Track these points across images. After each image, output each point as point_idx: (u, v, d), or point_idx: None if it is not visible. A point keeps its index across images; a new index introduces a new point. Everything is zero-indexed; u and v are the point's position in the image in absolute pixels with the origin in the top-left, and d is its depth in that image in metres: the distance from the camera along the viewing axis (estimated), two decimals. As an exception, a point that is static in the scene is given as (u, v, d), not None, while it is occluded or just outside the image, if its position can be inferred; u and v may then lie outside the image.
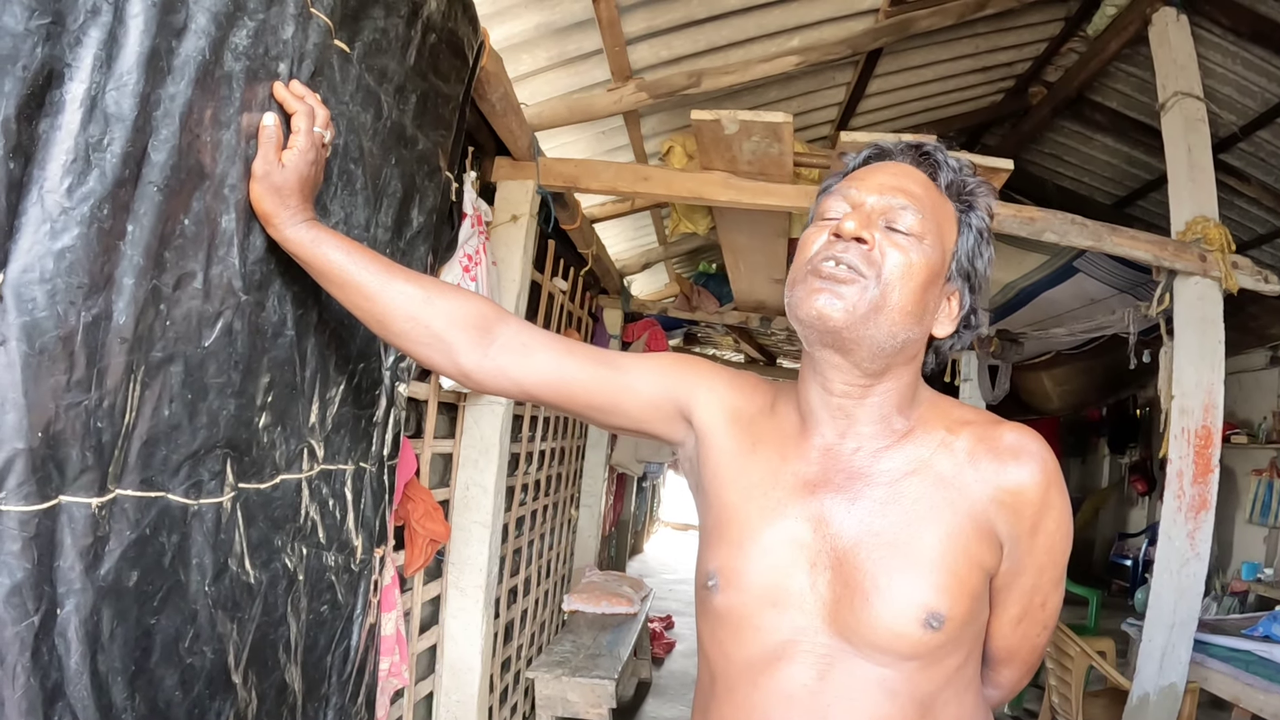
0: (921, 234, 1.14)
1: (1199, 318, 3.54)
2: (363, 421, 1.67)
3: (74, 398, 0.92)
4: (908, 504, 1.14)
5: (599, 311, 5.90)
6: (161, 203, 1.01)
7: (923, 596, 1.09)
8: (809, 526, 1.16)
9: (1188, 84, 3.95)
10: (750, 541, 1.17)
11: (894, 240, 1.13)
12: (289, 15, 1.24)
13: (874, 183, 1.18)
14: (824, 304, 1.10)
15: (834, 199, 1.20)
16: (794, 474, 1.20)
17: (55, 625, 0.92)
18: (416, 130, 1.76)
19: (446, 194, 2.01)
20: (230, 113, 1.13)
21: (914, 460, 1.18)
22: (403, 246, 1.76)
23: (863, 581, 1.11)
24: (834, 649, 1.11)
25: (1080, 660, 4.03)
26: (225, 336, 1.17)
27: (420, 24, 1.71)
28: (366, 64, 1.50)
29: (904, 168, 1.21)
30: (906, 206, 1.14)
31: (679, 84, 3.53)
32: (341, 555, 1.59)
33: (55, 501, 0.91)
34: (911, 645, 1.09)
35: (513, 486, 4.02)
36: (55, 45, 0.87)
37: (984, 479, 1.15)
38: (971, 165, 1.26)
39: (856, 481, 1.17)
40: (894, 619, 1.09)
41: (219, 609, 1.19)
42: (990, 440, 1.18)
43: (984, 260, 1.23)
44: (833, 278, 1.11)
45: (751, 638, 1.15)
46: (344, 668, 1.63)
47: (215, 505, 1.18)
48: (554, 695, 4.09)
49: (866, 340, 1.12)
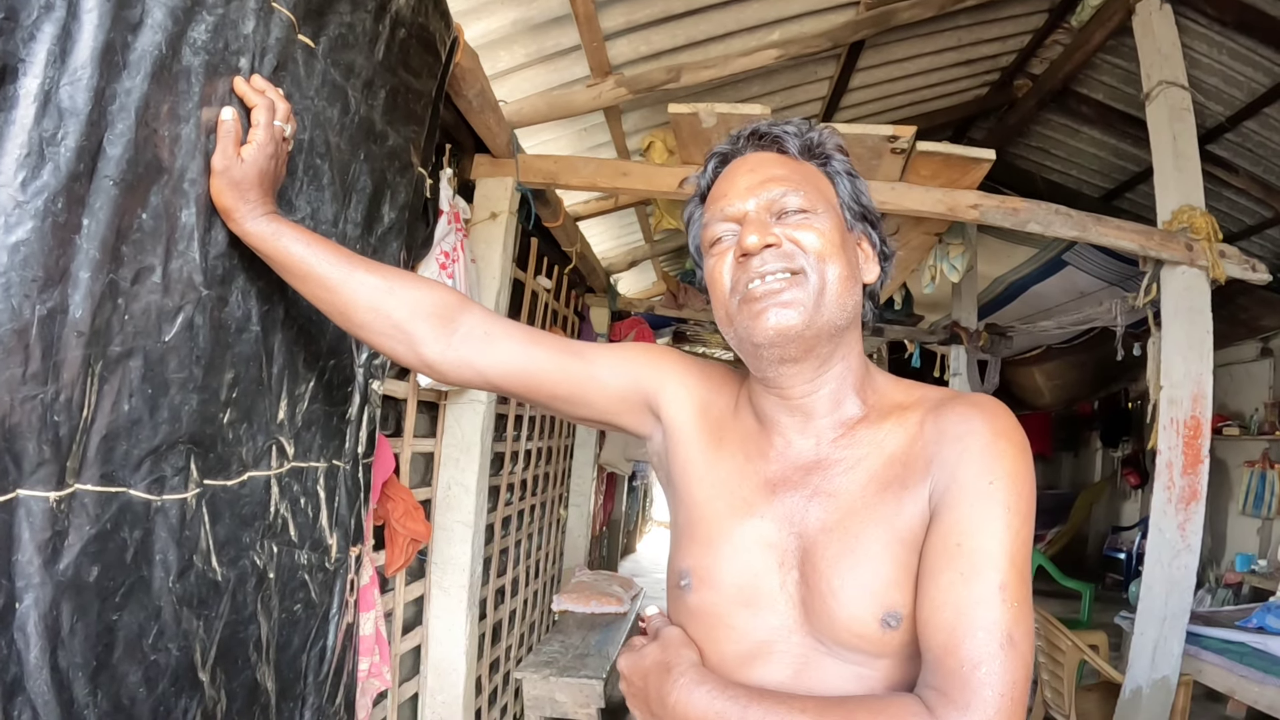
0: (812, 206, 1.13)
1: (1187, 307, 3.55)
2: (335, 419, 1.66)
3: (29, 391, 0.92)
4: (856, 493, 1.11)
5: (585, 310, 5.89)
6: (118, 197, 1.01)
7: (879, 594, 1.05)
8: (775, 526, 1.13)
9: (1172, 73, 3.95)
10: (723, 540, 1.16)
11: (795, 225, 1.12)
12: (249, 10, 1.24)
13: (741, 188, 1.16)
14: (777, 319, 1.08)
15: (714, 226, 1.17)
16: (757, 473, 1.18)
17: (14, 620, 0.92)
18: (386, 126, 1.75)
19: (420, 190, 2.01)
20: (189, 107, 1.13)
21: (868, 445, 1.14)
22: (374, 243, 1.75)
23: (819, 583, 1.08)
24: (808, 648, 1.09)
25: (1072, 654, 4.03)
26: (186, 331, 1.16)
27: (389, 19, 1.71)
28: (332, 59, 1.49)
29: (756, 158, 1.19)
30: (784, 191, 1.13)
31: (659, 79, 3.53)
32: (315, 554, 1.58)
33: (12, 495, 0.91)
34: (874, 645, 1.05)
35: (497, 486, 4.01)
36: (8, 40, 0.88)
37: (928, 440, 1.10)
38: (806, 119, 1.24)
39: (813, 476, 1.15)
40: (851, 619, 1.05)
41: (184, 606, 1.18)
42: (940, 405, 1.13)
43: (865, 194, 1.23)
44: (769, 293, 1.09)
45: (726, 636, 1.13)
46: (320, 667, 1.62)
47: (179, 501, 1.17)
48: (542, 695, 4.07)
49: (823, 328, 1.10)
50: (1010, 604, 0.96)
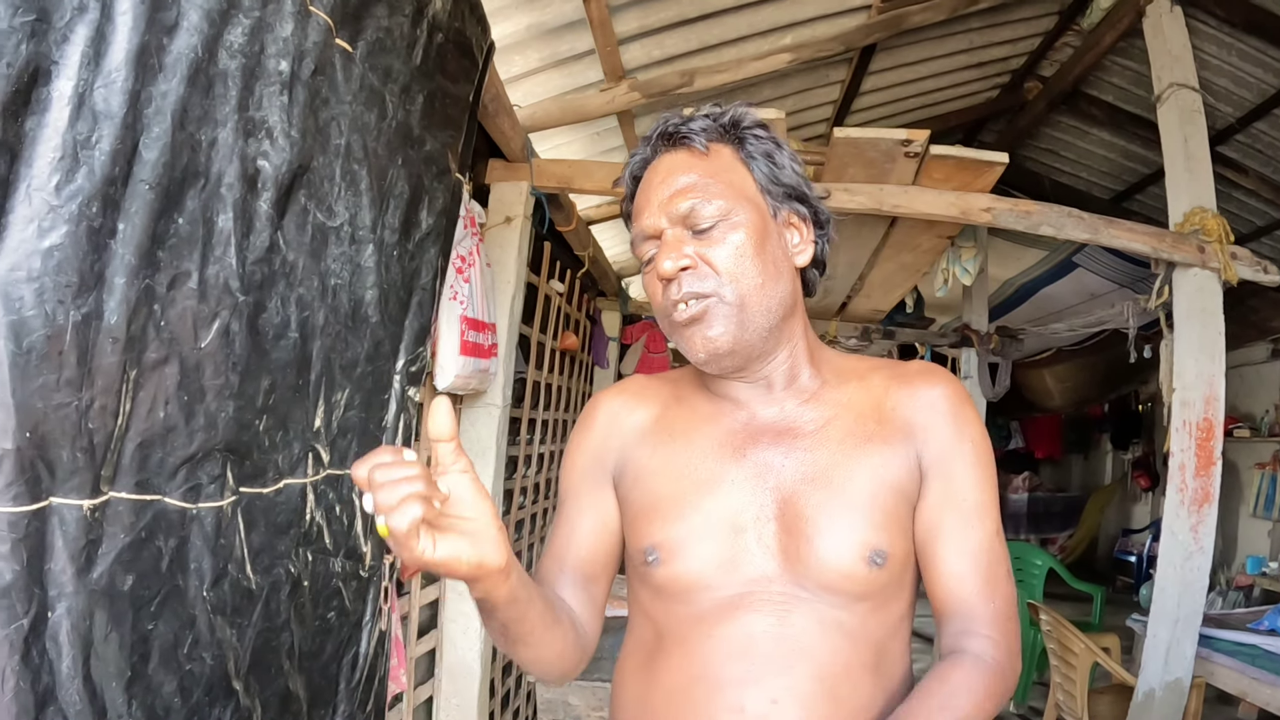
0: (724, 212, 1.14)
1: (1199, 309, 3.52)
2: (371, 425, 1.65)
3: (63, 398, 0.91)
4: (834, 446, 1.17)
5: (597, 314, 5.88)
6: (153, 201, 1.01)
7: (863, 535, 1.12)
8: (746, 486, 1.17)
9: (1183, 75, 3.94)
10: (691, 511, 1.17)
11: (707, 240, 1.13)
12: (287, 13, 1.23)
13: (653, 203, 1.17)
14: (703, 341, 1.13)
15: (640, 245, 1.20)
16: (719, 446, 1.21)
17: (46, 628, 0.91)
18: (424, 131, 1.74)
19: (458, 196, 1.99)
20: (226, 111, 1.12)
21: (834, 405, 1.21)
22: (411, 249, 1.74)
23: (805, 527, 1.12)
24: (790, 595, 1.12)
25: (1085, 657, 4.01)
26: (223, 337, 1.16)
27: (426, 23, 1.69)
28: (370, 63, 1.49)
29: (668, 163, 1.19)
30: (692, 201, 1.14)
31: (672, 83, 3.52)
32: (349, 561, 1.58)
33: (45, 503, 0.91)
34: (860, 584, 1.11)
35: (511, 490, 4.00)
36: (41, 42, 0.87)
37: (899, 404, 1.20)
38: (716, 105, 1.23)
39: (785, 436, 1.19)
40: (839, 558, 1.11)
41: (219, 614, 1.18)
42: (901, 373, 1.24)
43: (788, 167, 1.21)
44: (692, 319, 1.13)
45: (702, 596, 1.15)
46: (352, 675, 1.61)
47: (215, 509, 1.16)
48: (555, 699, 4.05)
49: (754, 337, 1.14)
50: (1003, 542, 1.19)
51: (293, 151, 1.28)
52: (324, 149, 1.39)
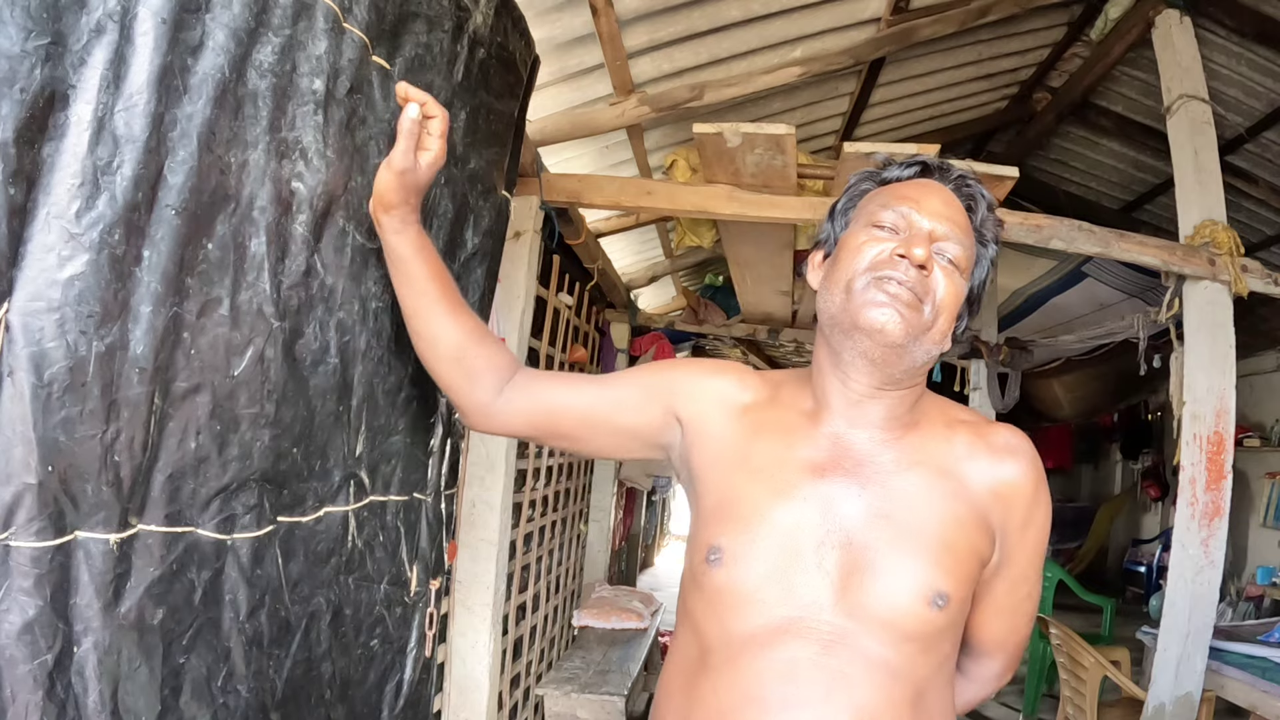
0: (964, 267, 1.24)
1: (1209, 322, 3.51)
2: (417, 451, 1.62)
3: (87, 430, 0.89)
4: (913, 491, 1.22)
5: (606, 326, 5.88)
6: (180, 227, 0.98)
7: (929, 576, 1.16)
8: (818, 508, 1.20)
9: (1193, 86, 3.93)
10: (759, 519, 1.20)
11: (945, 269, 1.21)
12: (319, 31, 1.20)
13: (930, 208, 1.24)
14: (887, 319, 1.17)
15: (886, 211, 1.24)
16: (802, 458, 1.24)
17: (72, 663, 0.89)
18: (468, 149, 1.71)
19: (504, 214, 1.95)
20: (256, 132, 1.10)
21: (918, 451, 1.26)
22: (457, 269, 1.71)
23: (873, 561, 1.16)
24: (839, 628, 1.14)
25: (1095, 670, 3.99)
26: (257, 365, 1.13)
27: (466, 39, 1.65)
28: (409, 81, 1.45)
29: (950, 196, 1.28)
30: (959, 241, 1.23)
31: (681, 97, 3.52)
32: (394, 588, 1.55)
33: (70, 538, 0.89)
34: (918, 623, 1.14)
35: (520, 503, 4.00)
36: (56, 66, 0.84)
37: (981, 472, 1.26)
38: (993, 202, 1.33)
39: (865, 468, 1.23)
40: (902, 597, 1.15)
41: (255, 646, 1.16)
42: (985, 437, 1.29)
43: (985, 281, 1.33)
44: (898, 298, 1.17)
45: (756, 612, 1.17)
46: (396, 702, 1.59)
47: (251, 540, 1.14)
48: (563, 712, 4.06)
49: (909, 357, 1.20)
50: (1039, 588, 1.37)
51: (328, 172, 1.26)
52: (362, 169, 1.35)
